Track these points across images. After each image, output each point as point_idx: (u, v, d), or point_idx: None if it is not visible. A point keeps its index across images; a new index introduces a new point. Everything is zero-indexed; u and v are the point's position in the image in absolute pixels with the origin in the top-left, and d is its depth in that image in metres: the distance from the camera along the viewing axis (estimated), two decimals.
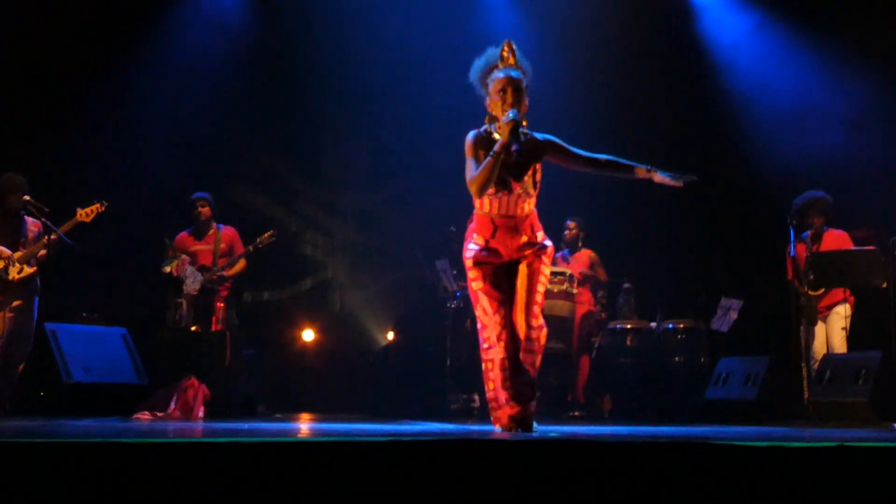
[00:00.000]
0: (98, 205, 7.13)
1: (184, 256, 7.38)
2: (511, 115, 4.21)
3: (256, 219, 8.40)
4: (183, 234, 7.80)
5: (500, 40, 9.61)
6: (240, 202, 9.32)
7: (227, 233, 7.84)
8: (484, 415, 6.83)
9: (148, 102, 9.23)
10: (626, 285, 8.57)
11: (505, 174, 4.28)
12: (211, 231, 7.77)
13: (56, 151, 8.93)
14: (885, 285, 6.81)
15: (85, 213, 7.09)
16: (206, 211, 7.78)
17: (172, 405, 6.27)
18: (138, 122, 9.20)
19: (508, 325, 4.31)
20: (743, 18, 9.67)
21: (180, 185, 9.10)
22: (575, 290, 8.10)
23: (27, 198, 6.90)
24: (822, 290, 7.28)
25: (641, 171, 4.41)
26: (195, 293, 7.38)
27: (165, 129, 9.24)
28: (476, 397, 7.93)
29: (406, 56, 9.62)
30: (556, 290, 7.83)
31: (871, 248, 7.01)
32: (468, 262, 4.45)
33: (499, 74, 4.36)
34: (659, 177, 4.38)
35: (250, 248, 7.70)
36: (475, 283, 4.40)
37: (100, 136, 9.16)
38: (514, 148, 4.26)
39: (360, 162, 10.12)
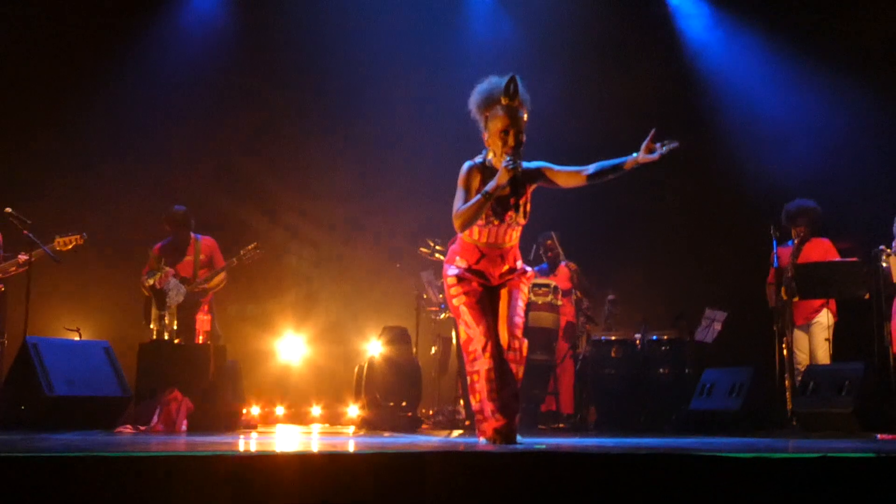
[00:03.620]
0: (78, 237, 7.10)
1: (167, 269, 7.36)
2: (511, 164, 4.17)
3: (241, 229, 8.36)
4: (159, 245, 7.77)
5: (485, 51, 9.68)
6: (225, 213, 9.29)
7: (206, 243, 7.81)
8: (469, 427, 6.83)
9: (131, 113, 9.20)
10: (611, 297, 8.60)
11: (495, 205, 4.29)
12: (190, 242, 7.73)
13: (37, 162, 8.89)
14: (867, 296, 6.85)
15: (63, 242, 7.03)
16: (182, 223, 7.72)
17: (155, 418, 6.22)
18: (122, 132, 9.17)
19: (492, 335, 4.32)
20: (731, 35, 9.74)
21: (165, 198, 9.08)
22: (559, 302, 8.12)
23: (9, 210, 6.86)
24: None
25: (629, 164, 4.29)
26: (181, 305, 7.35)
27: (149, 140, 9.22)
28: (461, 409, 7.92)
29: (392, 67, 9.64)
30: (540, 302, 7.84)
31: (853, 259, 7.06)
32: (451, 280, 4.44)
33: (500, 113, 4.29)
34: (643, 158, 4.23)
35: (234, 260, 7.67)
36: (457, 300, 4.40)
37: (83, 146, 9.12)
38: (507, 195, 4.25)
39: (346, 173, 10.10)
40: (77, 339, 7.56)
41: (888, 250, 6.46)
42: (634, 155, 4.29)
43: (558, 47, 9.70)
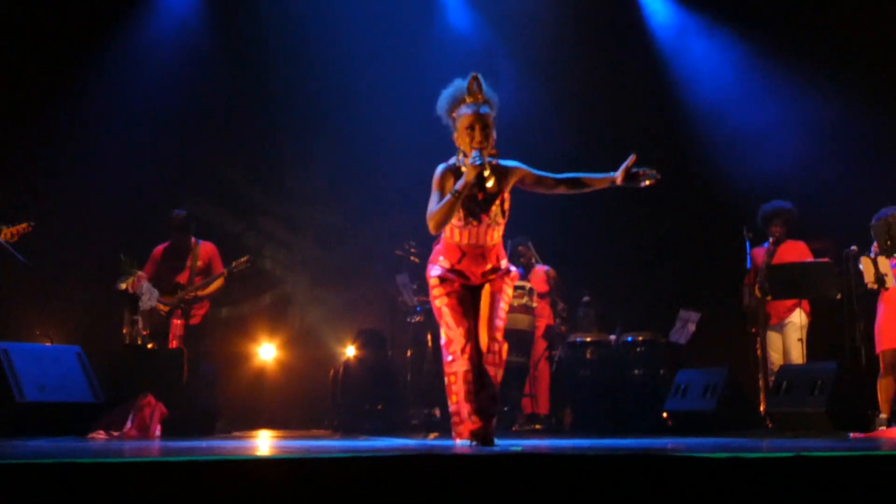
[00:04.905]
0: (25, 224, 6.85)
1: (139, 273, 7.28)
2: (477, 160, 4.19)
3: (215, 233, 8.29)
4: (160, 248, 7.70)
5: (461, 53, 9.67)
6: (199, 217, 9.23)
7: (206, 249, 7.70)
8: (445, 429, 6.82)
9: (106, 118, 9.12)
10: (586, 298, 8.62)
11: (474, 206, 4.31)
12: (190, 247, 7.64)
13: (10, 167, 8.79)
14: (839, 296, 6.91)
15: (10, 233, 6.85)
16: (181, 227, 7.65)
17: (128, 424, 6.18)
18: (95, 137, 9.08)
19: (472, 337, 4.33)
20: (704, 37, 9.80)
21: (138, 201, 9.02)
22: (535, 304, 8.14)
23: None
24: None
25: (606, 181, 4.42)
26: (165, 309, 7.29)
27: (123, 145, 9.14)
28: (437, 412, 7.92)
29: (367, 72, 9.63)
30: (516, 304, 7.85)
31: (825, 259, 7.12)
32: (433, 280, 4.45)
33: (466, 111, 4.32)
34: (622, 182, 4.37)
35: (225, 272, 7.58)
36: (439, 300, 4.41)
37: (56, 151, 9.03)
38: (478, 191, 4.27)
39: (320, 176, 10.06)
40: (48, 344, 7.48)
41: (867, 254, 6.51)
42: (613, 174, 4.39)
43: (533, 51, 9.74)
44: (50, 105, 8.97)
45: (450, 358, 4.35)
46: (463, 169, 4.29)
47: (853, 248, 6.66)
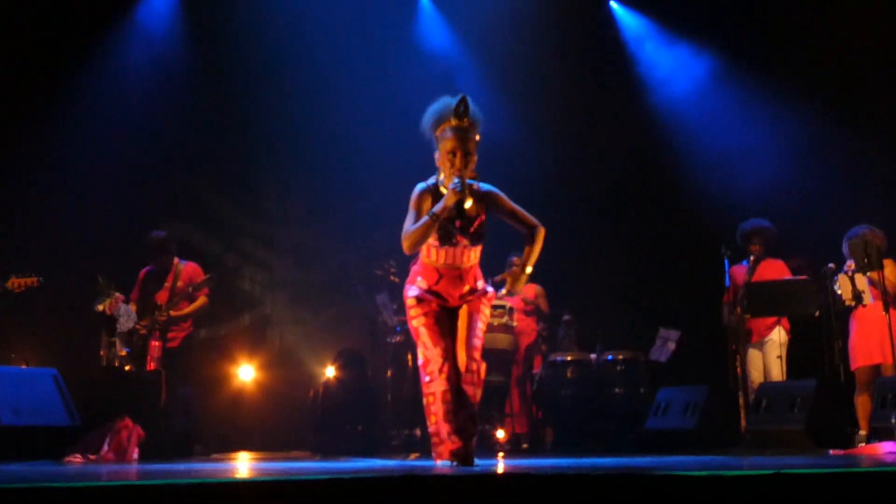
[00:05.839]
0: (35, 280, 6.89)
1: (117, 294, 7.23)
2: (458, 186, 4.19)
3: (193, 254, 8.25)
4: (145, 271, 7.66)
5: (442, 72, 9.68)
6: (178, 238, 9.18)
7: (188, 270, 7.65)
8: (425, 450, 6.79)
9: (83, 142, 9.07)
10: (567, 317, 8.64)
11: (451, 228, 4.30)
12: (171, 269, 7.60)
13: None
14: (817, 314, 6.95)
15: (17, 284, 6.82)
16: (160, 248, 7.61)
17: (105, 447, 6.11)
18: (72, 160, 9.03)
19: (450, 357, 4.31)
20: (681, 56, 9.88)
21: (115, 223, 8.96)
22: (514, 323, 8.14)
23: None
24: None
25: (519, 268, 4.51)
26: (143, 331, 7.23)
27: (100, 165, 9.09)
28: (418, 432, 7.89)
29: (344, 93, 9.64)
30: (496, 324, 7.85)
31: (803, 277, 7.17)
32: (410, 301, 4.44)
33: (450, 134, 4.31)
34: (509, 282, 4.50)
35: (190, 289, 7.53)
36: (416, 321, 4.40)
37: (32, 172, 8.97)
38: (456, 216, 4.28)
39: (299, 196, 10.06)
40: (24, 367, 7.40)
41: (845, 271, 6.55)
42: (524, 269, 4.48)
43: (509, 70, 9.78)
44: (27, 129, 8.92)
45: (427, 378, 4.33)
46: (442, 190, 4.29)
47: (831, 265, 6.71)
